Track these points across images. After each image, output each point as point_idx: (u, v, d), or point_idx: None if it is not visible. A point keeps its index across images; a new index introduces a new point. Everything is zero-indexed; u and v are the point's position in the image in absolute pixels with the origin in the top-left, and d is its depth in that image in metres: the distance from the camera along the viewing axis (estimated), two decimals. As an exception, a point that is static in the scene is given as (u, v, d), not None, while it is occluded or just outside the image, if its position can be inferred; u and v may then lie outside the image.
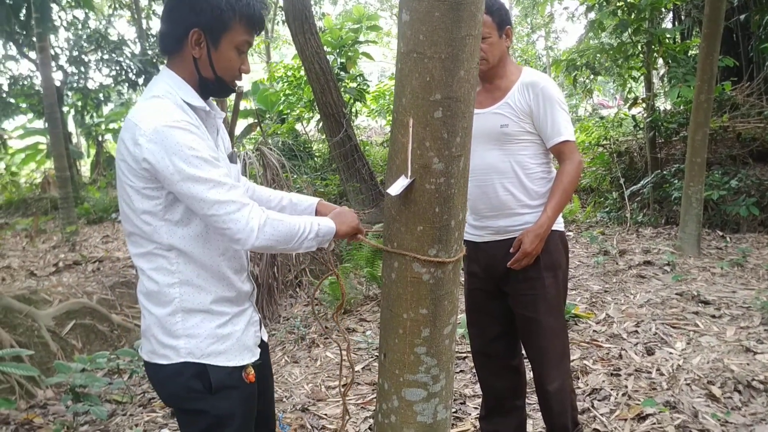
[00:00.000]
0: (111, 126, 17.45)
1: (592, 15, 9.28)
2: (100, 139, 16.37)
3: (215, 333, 1.89)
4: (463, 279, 3.00)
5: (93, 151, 17.18)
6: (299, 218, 1.91)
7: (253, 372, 1.97)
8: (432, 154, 1.72)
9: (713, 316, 4.88)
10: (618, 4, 8.14)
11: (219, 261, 1.91)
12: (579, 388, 3.83)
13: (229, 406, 1.92)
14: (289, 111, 13.77)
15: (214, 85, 1.91)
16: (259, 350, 2.06)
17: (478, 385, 4.00)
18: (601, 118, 12.13)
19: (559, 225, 2.83)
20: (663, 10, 9.55)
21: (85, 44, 12.52)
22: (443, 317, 1.89)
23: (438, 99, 1.68)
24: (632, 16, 8.07)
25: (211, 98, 2.00)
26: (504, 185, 2.76)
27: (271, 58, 23.15)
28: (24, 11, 7.77)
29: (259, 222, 1.80)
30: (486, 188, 2.79)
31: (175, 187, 1.73)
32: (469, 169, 1.85)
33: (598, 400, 3.71)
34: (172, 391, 1.93)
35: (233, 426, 1.93)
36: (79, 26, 12.71)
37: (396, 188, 1.75)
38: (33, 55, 11.01)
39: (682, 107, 9.01)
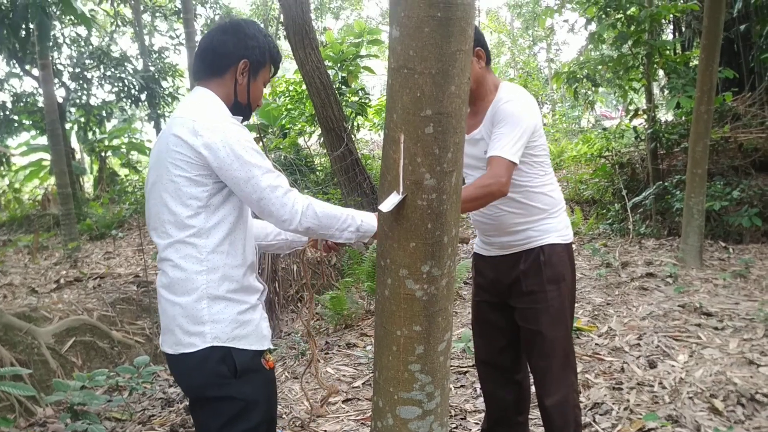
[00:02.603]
0: (114, 142, 17.51)
1: (592, 27, 9.29)
2: (103, 155, 16.39)
3: (237, 319, 2.04)
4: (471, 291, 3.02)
5: (96, 167, 17.22)
6: (343, 209, 2.14)
7: (271, 358, 2.16)
8: (423, 170, 1.71)
9: (716, 328, 4.85)
10: (617, 16, 8.15)
11: (242, 254, 2.09)
12: (581, 402, 3.79)
13: (253, 390, 2.06)
14: (291, 125, 13.79)
15: (244, 108, 2.22)
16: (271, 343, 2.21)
17: (479, 401, 3.99)
18: (604, 129, 12.13)
19: (564, 237, 2.82)
20: (663, 21, 9.57)
21: (87, 61, 12.57)
22: (437, 334, 1.87)
23: (429, 114, 1.67)
24: (631, 28, 8.08)
25: None
26: (500, 207, 2.78)
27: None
28: (24, 29, 7.81)
29: (303, 206, 2.02)
30: (486, 210, 2.81)
31: (231, 172, 1.97)
32: (461, 184, 1.84)
33: (600, 415, 3.68)
34: (199, 379, 2.05)
35: (258, 411, 2.08)
36: (82, 43, 12.77)
37: (388, 205, 1.74)
38: (36, 72, 11.05)
39: (683, 118, 9.00)
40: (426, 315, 1.83)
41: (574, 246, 7.55)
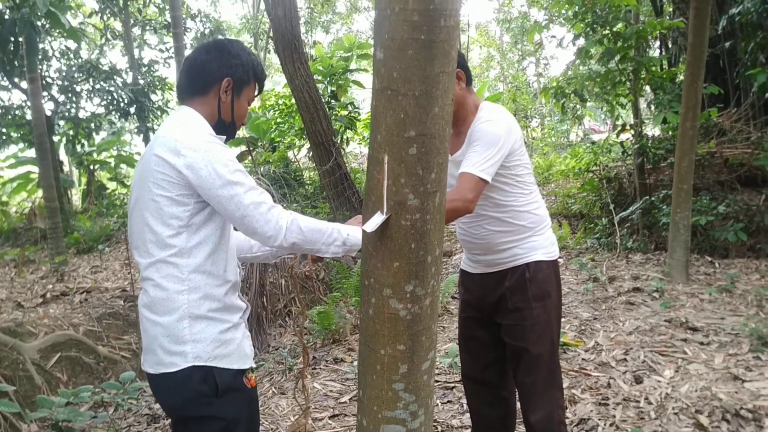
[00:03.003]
0: (103, 155, 17.45)
1: (580, 42, 9.37)
2: (91, 168, 16.34)
3: (219, 338, 2.05)
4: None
5: (84, 180, 17.15)
6: (328, 224, 2.14)
7: (253, 377, 2.17)
8: (407, 190, 1.73)
9: (702, 343, 4.88)
10: (604, 32, 8.22)
11: (223, 274, 2.10)
12: (567, 418, 3.80)
13: (235, 409, 2.07)
14: (280, 139, 13.81)
15: (228, 126, 2.24)
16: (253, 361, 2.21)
17: (465, 416, 4.00)
18: (593, 143, 12.20)
19: (549, 254, 2.84)
20: (650, 37, 9.66)
21: (76, 74, 12.55)
22: (421, 353, 1.88)
23: (412, 136, 1.69)
24: (618, 45, 8.15)
25: None
26: (485, 227, 2.83)
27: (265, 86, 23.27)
28: (12, 43, 7.81)
29: (287, 221, 2.04)
30: (471, 230, 2.88)
31: (214, 191, 1.98)
32: (445, 204, 1.86)
33: (586, 431, 3.69)
34: (181, 399, 2.05)
35: (241, 430, 2.09)
36: (71, 56, 12.75)
37: (372, 225, 1.75)
38: (24, 84, 11.03)
39: (670, 133, 9.07)
40: (410, 334, 1.84)
41: (561, 260, 7.57)
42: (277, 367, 5.31)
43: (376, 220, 1.75)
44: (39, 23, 8.40)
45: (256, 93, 2.32)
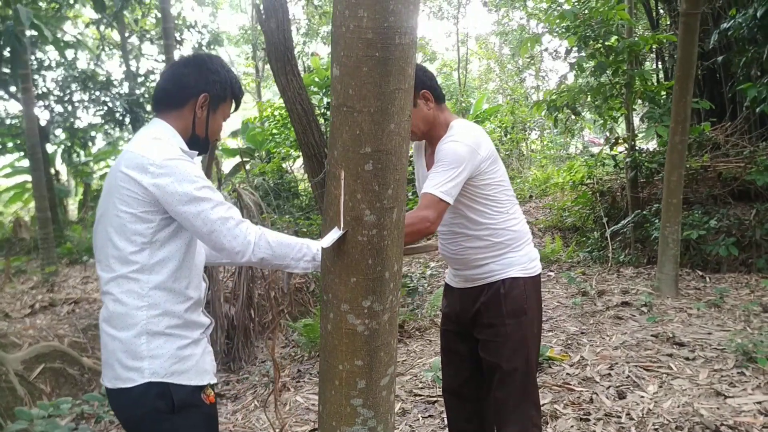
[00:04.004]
0: (100, 164, 17.49)
1: (574, 55, 9.38)
2: (87, 178, 16.37)
3: (177, 354, 2.05)
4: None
5: (81, 190, 17.18)
6: (297, 239, 2.14)
7: (212, 393, 2.16)
8: (363, 206, 1.73)
9: (687, 359, 4.85)
10: (596, 46, 8.24)
11: (185, 291, 2.09)
12: (546, 433, 3.79)
13: (191, 426, 2.07)
14: (276, 150, 13.84)
15: (201, 142, 2.24)
16: (215, 376, 2.22)
17: (446, 431, 3.98)
18: (592, 156, 12.20)
19: (527, 271, 2.84)
20: (645, 51, 9.67)
21: (72, 84, 12.59)
22: (380, 369, 1.88)
23: (368, 152, 1.69)
24: (610, 58, 8.16)
25: None
26: (461, 243, 2.85)
27: (261, 97, 23.34)
28: (6, 52, 7.86)
29: (255, 236, 2.04)
30: (449, 245, 2.91)
31: (180, 208, 1.97)
32: (404, 221, 1.86)
33: (565, 446, 3.67)
34: (138, 414, 2.05)
35: None
36: (67, 66, 12.79)
37: (328, 240, 1.76)
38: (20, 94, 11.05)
39: (663, 147, 9.07)
40: (368, 350, 1.84)
41: (552, 274, 7.56)
42: (262, 380, 5.29)
43: (333, 236, 1.76)
44: (28, 34, 8.43)
45: (232, 110, 2.33)
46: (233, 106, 2.32)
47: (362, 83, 1.66)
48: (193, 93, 2.17)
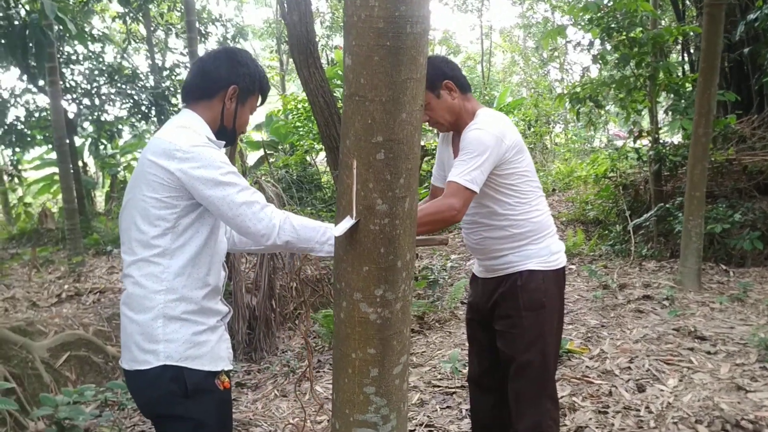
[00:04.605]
0: (127, 157, 17.67)
1: (597, 47, 9.31)
2: (114, 170, 16.56)
3: (192, 339, 2.08)
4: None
5: (108, 182, 17.38)
6: (322, 223, 2.16)
7: (227, 379, 2.19)
8: (375, 195, 1.74)
9: (708, 353, 4.82)
10: (620, 38, 8.17)
11: (204, 277, 2.13)
12: (565, 425, 3.78)
13: (203, 410, 2.11)
14: (300, 143, 13.90)
15: (228, 133, 2.28)
16: (231, 363, 2.25)
17: (464, 422, 4.00)
18: (616, 149, 12.10)
19: (546, 264, 2.83)
20: (670, 43, 9.55)
21: (99, 78, 12.73)
22: (392, 357, 1.89)
23: (380, 141, 1.70)
24: (634, 50, 8.08)
25: None
26: (481, 234, 2.86)
27: (285, 90, 23.44)
28: (21, 48, 7.97)
29: (280, 220, 2.07)
30: (471, 235, 2.93)
31: (206, 192, 2.01)
32: (416, 210, 1.87)
33: (583, 439, 3.67)
34: (151, 397, 2.11)
35: (210, 431, 2.12)
36: (94, 60, 12.93)
37: (341, 229, 1.77)
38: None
39: (688, 140, 8.97)
40: (380, 338, 1.86)
41: (573, 267, 7.51)
42: (282, 369, 5.34)
43: (346, 225, 1.77)
44: (56, 28, 8.54)
45: (258, 104, 2.37)
46: (260, 99, 2.37)
47: (374, 72, 1.67)
48: (223, 85, 2.21)
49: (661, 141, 9.28)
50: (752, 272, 7.31)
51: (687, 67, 10.69)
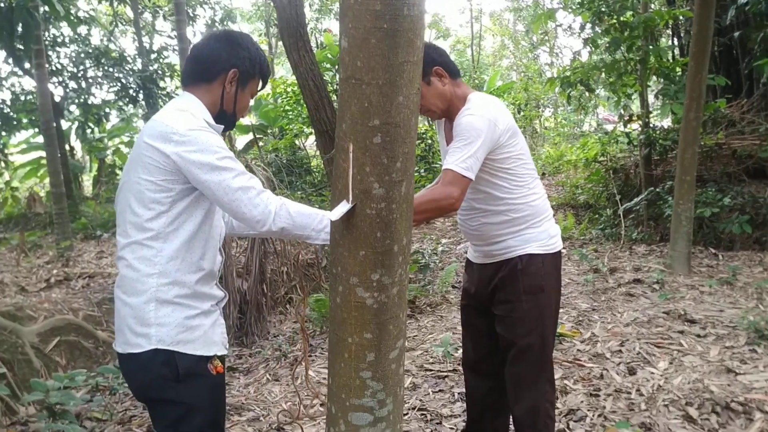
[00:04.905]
0: (114, 141, 17.54)
1: (588, 31, 9.30)
2: (101, 154, 16.44)
3: (184, 323, 2.07)
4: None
5: (96, 166, 17.26)
6: (318, 210, 2.13)
7: (220, 364, 2.17)
8: (372, 179, 1.73)
9: (698, 336, 4.86)
10: (611, 22, 8.15)
11: (198, 262, 2.11)
12: (557, 408, 3.80)
13: (195, 395, 2.09)
14: (289, 127, 13.84)
15: (228, 118, 2.26)
16: (226, 348, 2.23)
17: (456, 405, 4.01)
18: (606, 133, 12.12)
19: (545, 248, 2.82)
20: (660, 27, 9.55)
21: (86, 61, 12.60)
22: (389, 342, 1.88)
23: (377, 125, 1.69)
24: (625, 34, 8.07)
25: None
26: (479, 219, 2.85)
27: (275, 74, 23.29)
28: (7, 30, 7.87)
29: (276, 206, 2.04)
30: (468, 221, 2.90)
31: (201, 176, 1.99)
32: (412, 194, 1.86)
33: (575, 421, 3.69)
34: (143, 380, 2.10)
35: (201, 416, 2.11)
36: (81, 42, 12.80)
37: (337, 213, 1.76)
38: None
39: (678, 124, 8.99)
40: (377, 323, 1.85)
41: (564, 251, 7.52)
42: (274, 354, 5.34)
43: (342, 209, 1.76)
44: (42, 9, 8.43)
45: (258, 88, 2.34)
46: (261, 84, 2.34)
47: (370, 55, 1.65)
48: (224, 68, 2.19)
49: (651, 125, 9.29)
50: (741, 256, 7.36)
51: (677, 51, 10.70)
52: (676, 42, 11.06)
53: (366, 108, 1.68)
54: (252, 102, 2.43)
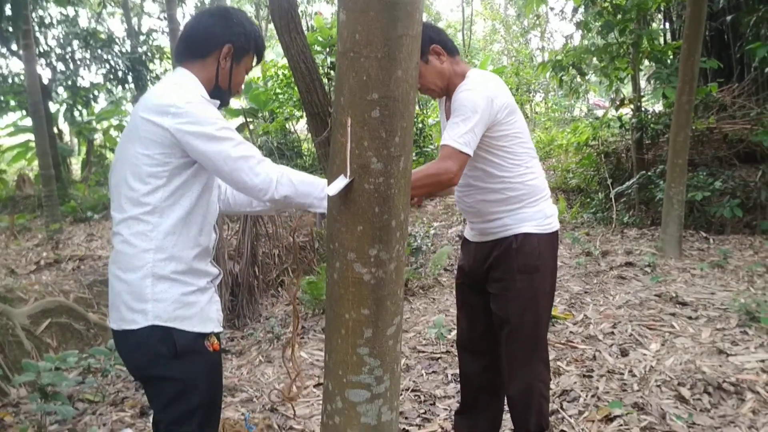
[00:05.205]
0: (103, 123, 17.42)
1: (580, 15, 9.28)
2: (90, 136, 16.32)
3: (181, 300, 2.04)
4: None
5: (84, 149, 17.14)
6: (320, 179, 2.12)
7: (217, 342, 2.15)
8: (370, 153, 1.71)
9: (690, 318, 4.88)
10: (603, 4, 8.13)
11: (195, 237, 2.09)
12: (550, 389, 3.81)
13: (193, 371, 2.07)
14: (280, 110, 13.77)
15: (224, 93, 2.23)
16: (221, 326, 2.22)
17: (449, 386, 4.02)
18: (597, 118, 12.13)
19: (542, 227, 2.80)
20: (653, 11, 9.54)
21: (74, 42, 12.47)
22: (386, 318, 1.87)
23: (375, 98, 1.66)
24: (618, 17, 8.06)
25: None
26: (476, 197, 2.82)
27: (265, 57, 23.16)
28: (8, 9, 7.78)
29: (277, 174, 2.02)
30: (465, 198, 2.89)
31: (201, 147, 1.97)
32: (410, 169, 1.84)
33: (568, 402, 3.70)
34: (140, 357, 2.07)
35: (198, 393, 2.08)
36: (69, 23, 12.66)
37: (335, 188, 1.74)
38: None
39: (669, 108, 9.00)
40: (374, 299, 1.83)
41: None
42: (266, 336, 5.33)
43: (340, 184, 1.73)
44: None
45: (253, 64, 2.32)
46: (255, 59, 2.31)
47: (369, 28, 1.62)
48: (218, 43, 2.16)
49: (643, 109, 9.29)
50: (732, 239, 7.40)
51: (668, 35, 10.69)
52: (667, 26, 11.05)
53: (364, 81, 1.66)
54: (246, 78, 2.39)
